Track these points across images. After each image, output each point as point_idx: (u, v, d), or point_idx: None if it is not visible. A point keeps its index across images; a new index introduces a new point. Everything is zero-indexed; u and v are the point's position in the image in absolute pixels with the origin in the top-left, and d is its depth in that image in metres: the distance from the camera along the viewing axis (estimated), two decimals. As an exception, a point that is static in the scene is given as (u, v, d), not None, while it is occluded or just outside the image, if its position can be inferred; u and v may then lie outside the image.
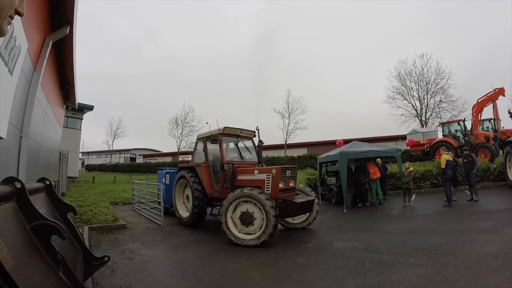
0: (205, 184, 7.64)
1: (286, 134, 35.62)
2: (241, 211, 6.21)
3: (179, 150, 40.68)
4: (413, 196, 10.69)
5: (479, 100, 15.83)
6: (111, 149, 41.55)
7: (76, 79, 11.17)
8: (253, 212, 6.08)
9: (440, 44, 47.53)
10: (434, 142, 17.04)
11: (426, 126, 26.78)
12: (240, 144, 8.15)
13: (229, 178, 7.17)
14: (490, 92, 15.57)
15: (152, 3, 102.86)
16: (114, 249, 5.82)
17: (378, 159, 11.17)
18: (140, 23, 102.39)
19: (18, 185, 1.74)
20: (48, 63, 6.84)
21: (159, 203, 8.79)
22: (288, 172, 6.50)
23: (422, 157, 16.92)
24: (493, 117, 16.54)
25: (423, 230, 6.55)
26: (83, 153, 39.96)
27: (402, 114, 29.94)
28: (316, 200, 7.29)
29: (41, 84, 6.42)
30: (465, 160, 9.59)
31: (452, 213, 8.03)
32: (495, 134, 15.62)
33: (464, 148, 11.97)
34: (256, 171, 6.70)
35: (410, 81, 30.27)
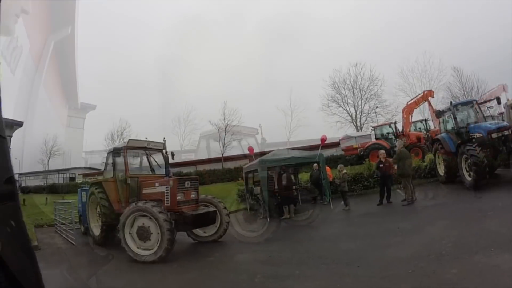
0: (112, 199, 7.23)
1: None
2: (138, 226, 5.92)
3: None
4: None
5: (408, 103, 16.85)
6: (46, 169, 37.48)
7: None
8: (149, 227, 5.82)
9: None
10: (367, 145, 17.44)
11: (361, 131, 27.81)
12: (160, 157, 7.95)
13: (134, 193, 6.85)
14: (419, 94, 16.65)
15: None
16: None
17: (315, 165, 11.15)
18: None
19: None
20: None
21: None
22: (188, 183, 6.37)
23: (356, 161, 17.29)
24: (425, 118, 17.66)
25: (337, 235, 6.55)
26: (20, 174, 35.71)
27: (338, 121, 31.09)
28: (226, 211, 7.13)
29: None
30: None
31: (379, 214, 8.07)
32: (427, 133, 16.59)
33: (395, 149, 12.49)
34: (157, 184, 6.49)
35: (345, 89, 31.55)
